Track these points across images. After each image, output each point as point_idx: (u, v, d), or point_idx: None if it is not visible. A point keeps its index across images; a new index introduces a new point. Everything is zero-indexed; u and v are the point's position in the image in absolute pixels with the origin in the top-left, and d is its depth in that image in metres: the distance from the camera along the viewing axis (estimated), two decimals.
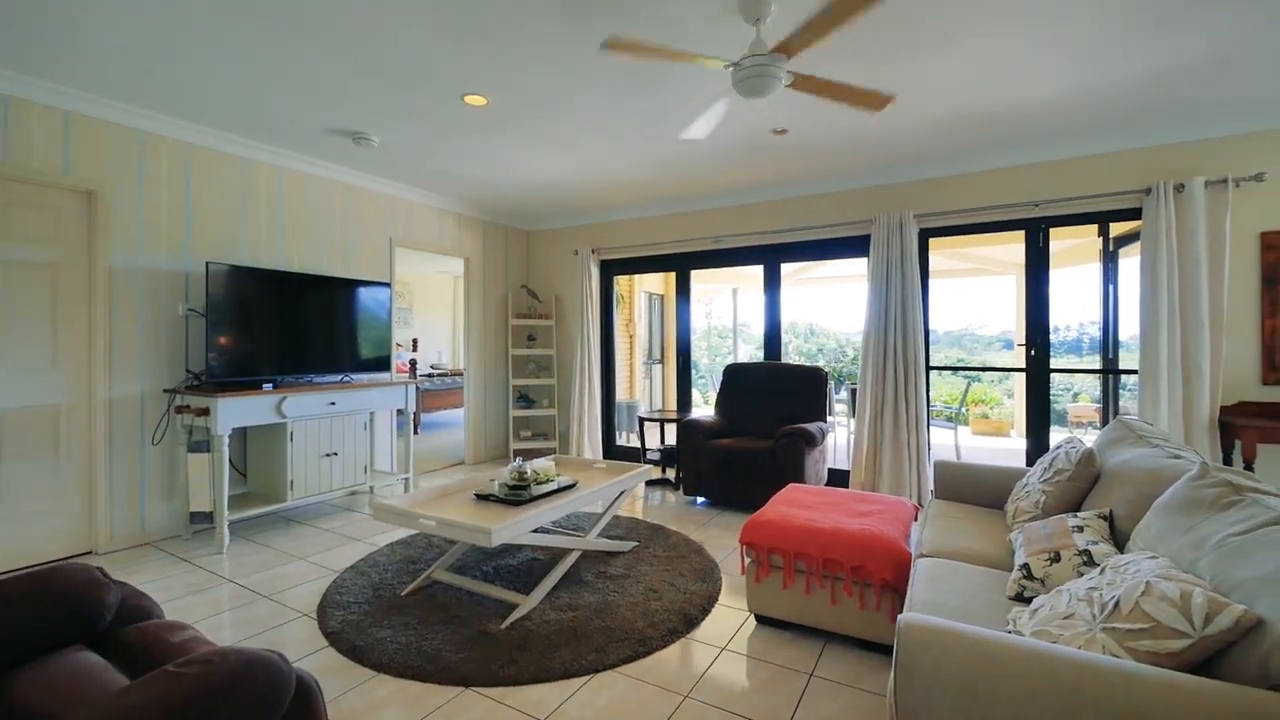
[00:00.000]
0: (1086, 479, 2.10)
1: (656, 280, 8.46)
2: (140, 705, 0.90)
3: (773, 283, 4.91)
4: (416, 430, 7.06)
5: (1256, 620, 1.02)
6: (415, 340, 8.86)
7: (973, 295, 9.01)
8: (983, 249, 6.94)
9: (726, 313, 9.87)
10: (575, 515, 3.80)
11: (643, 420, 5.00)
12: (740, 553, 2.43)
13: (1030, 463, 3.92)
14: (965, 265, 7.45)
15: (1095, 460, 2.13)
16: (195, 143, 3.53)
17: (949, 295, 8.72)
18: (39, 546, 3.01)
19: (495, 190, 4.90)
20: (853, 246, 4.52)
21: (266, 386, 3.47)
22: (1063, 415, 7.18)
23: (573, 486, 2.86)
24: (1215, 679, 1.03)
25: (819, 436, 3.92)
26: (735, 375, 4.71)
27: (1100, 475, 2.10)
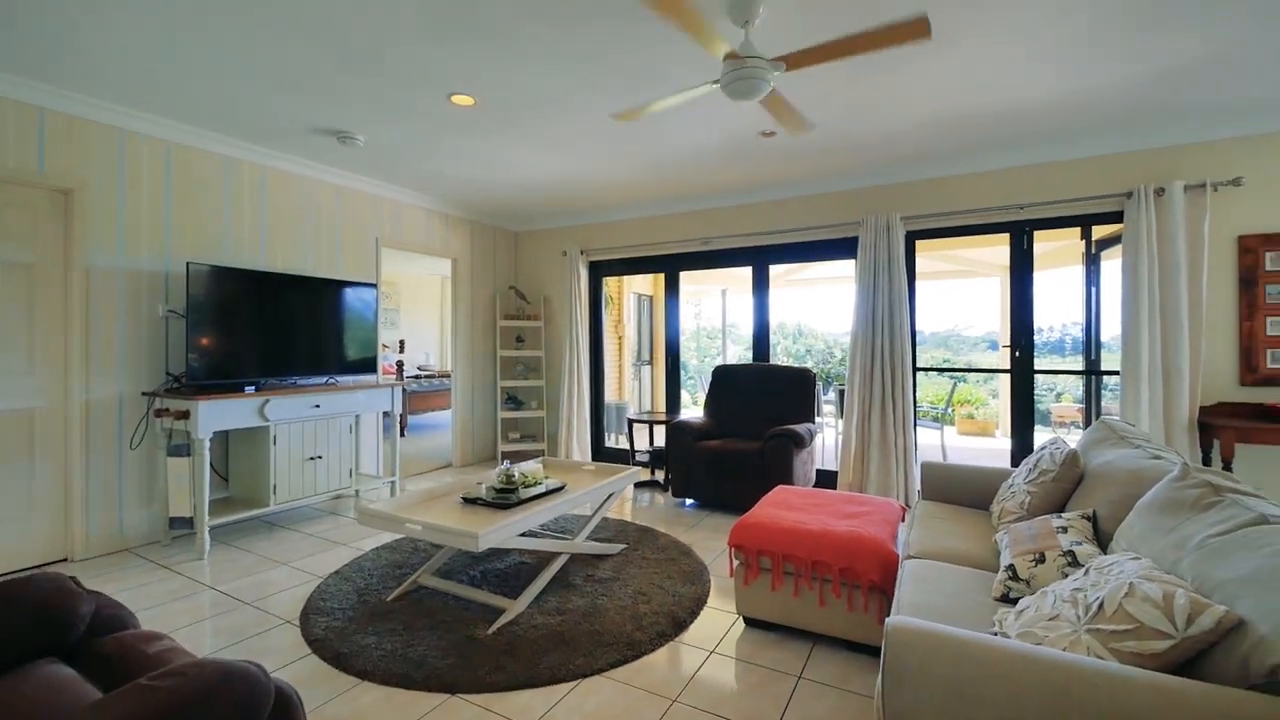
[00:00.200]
0: (1070, 480, 2.13)
1: (646, 281, 8.45)
2: None
3: (761, 284, 4.93)
4: (403, 433, 6.99)
5: (1237, 621, 1.03)
6: (402, 341, 8.78)
7: (959, 296, 9.11)
8: (968, 251, 7.03)
9: (716, 314, 9.88)
10: (564, 518, 3.78)
11: (632, 422, 4.99)
12: (729, 555, 2.42)
13: (1015, 463, 3.96)
14: (951, 267, 7.53)
15: (1079, 461, 2.16)
16: (177, 141, 3.47)
17: (935, 296, 8.82)
18: (11, 553, 2.93)
19: (483, 190, 4.87)
20: (841, 248, 4.55)
21: (249, 389, 3.41)
22: (1046, 415, 7.28)
23: (561, 489, 2.84)
24: (1198, 679, 1.04)
25: (807, 438, 3.94)
26: (724, 377, 4.71)
27: (1084, 476, 2.12)
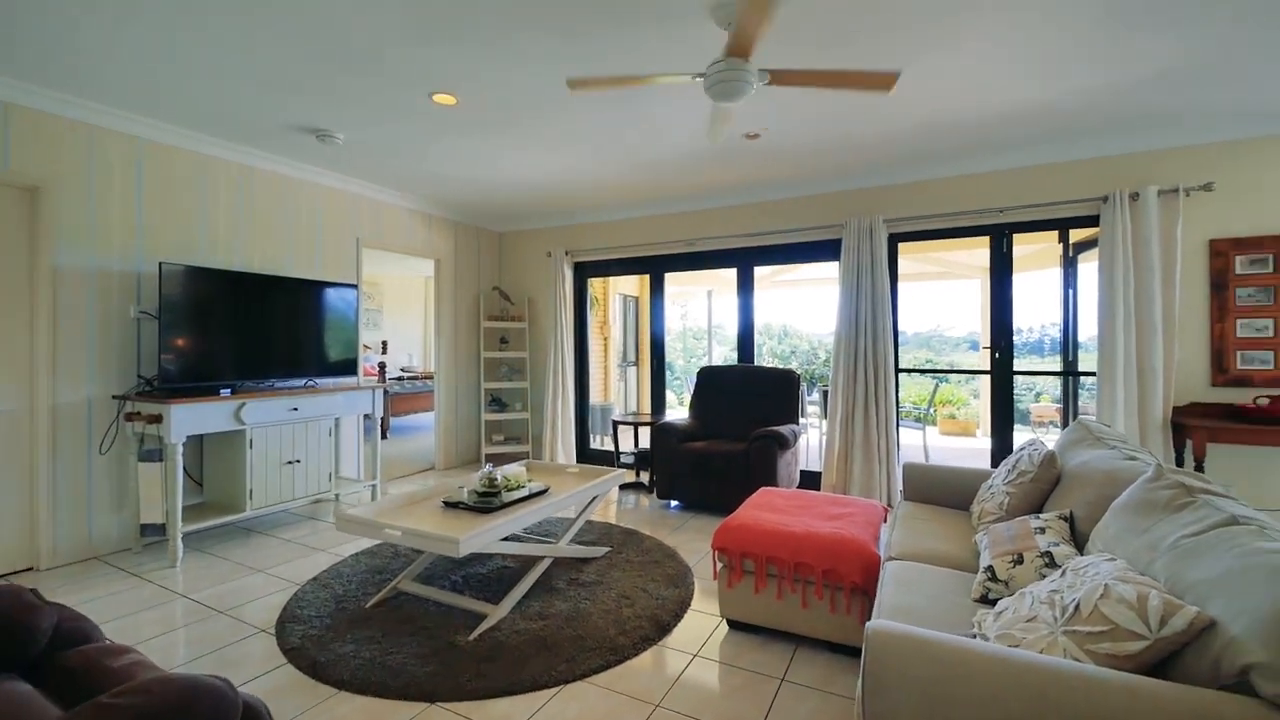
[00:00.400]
0: (1048, 480, 2.15)
1: (631, 282, 8.44)
2: None
3: (746, 285, 4.94)
4: (385, 435, 6.89)
5: (1209, 622, 1.05)
6: (385, 343, 8.67)
7: (940, 298, 9.23)
8: (950, 253, 7.13)
9: (701, 315, 9.90)
10: (548, 521, 3.75)
11: (617, 423, 4.97)
12: (713, 557, 2.42)
13: (995, 463, 4.02)
14: (933, 269, 7.62)
15: (1056, 462, 2.19)
16: (149, 138, 3.39)
17: (917, 298, 8.92)
18: None
19: (466, 191, 4.82)
20: (824, 250, 4.58)
21: (224, 392, 3.34)
22: (1026, 415, 7.40)
23: (544, 493, 2.81)
24: (1171, 679, 1.06)
25: (792, 439, 3.95)
26: (709, 378, 4.71)
27: (1061, 476, 2.15)
